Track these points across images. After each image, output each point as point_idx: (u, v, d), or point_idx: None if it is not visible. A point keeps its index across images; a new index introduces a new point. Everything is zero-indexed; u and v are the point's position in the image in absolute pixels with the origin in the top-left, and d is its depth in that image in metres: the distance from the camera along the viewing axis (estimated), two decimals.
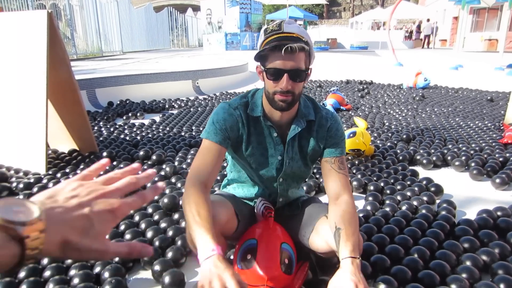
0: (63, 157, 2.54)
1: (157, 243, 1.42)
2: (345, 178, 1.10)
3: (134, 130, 3.32)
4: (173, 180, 2.11)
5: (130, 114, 4.01)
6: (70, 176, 2.20)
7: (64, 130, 2.59)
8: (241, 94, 1.15)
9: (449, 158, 2.46)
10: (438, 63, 9.13)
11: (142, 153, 2.50)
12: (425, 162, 2.42)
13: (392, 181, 2.08)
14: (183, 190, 1.92)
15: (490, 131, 3.13)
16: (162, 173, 2.21)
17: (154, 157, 2.43)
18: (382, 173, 2.21)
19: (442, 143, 2.82)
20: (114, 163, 2.39)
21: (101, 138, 2.99)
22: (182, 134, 3.18)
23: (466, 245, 1.38)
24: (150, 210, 1.71)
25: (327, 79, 6.88)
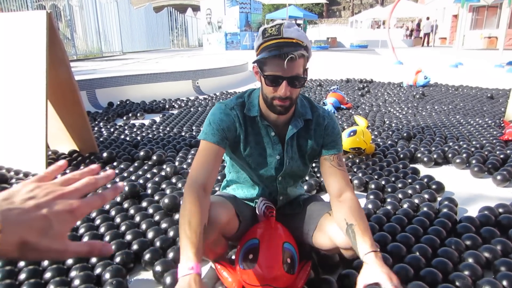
0: (63, 158, 2.53)
1: (158, 244, 1.42)
2: (346, 175, 1.11)
3: (134, 130, 3.32)
4: (173, 180, 2.10)
5: (130, 115, 4.01)
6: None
7: (64, 131, 2.58)
8: (237, 95, 1.14)
9: (450, 155, 2.46)
10: (438, 61, 9.11)
11: (142, 153, 2.50)
12: (426, 160, 2.42)
13: (393, 179, 2.08)
14: (183, 190, 1.94)
15: (491, 128, 3.12)
16: (163, 173, 2.21)
17: (155, 157, 2.43)
18: (383, 171, 2.21)
19: (442, 141, 2.81)
20: (115, 164, 2.39)
21: (101, 139, 2.99)
22: (183, 134, 3.17)
23: (468, 242, 1.37)
24: (150, 210, 1.71)
25: (327, 78, 6.87)
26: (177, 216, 1.65)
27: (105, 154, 2.46)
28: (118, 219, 1.63)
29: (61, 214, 0.40)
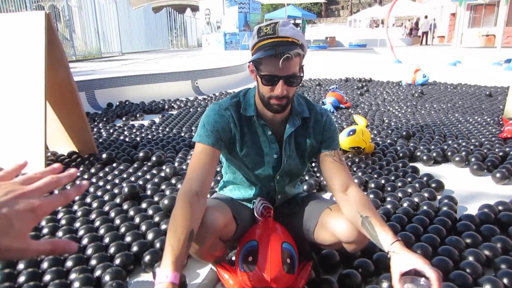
0: (63, 159, 2.53)
1: (158, 245, 1.41)
2: (347, 169, 1.13)
3: (134, 131, 3.31)
4: (173, 181, 2.10)
5: (130, 115, 4.01)
6: None
7: (63, 132, 2.58)
8: (231, 94, 1.14)
9: (449, 154, 2.46)
10: (436, 60, 9.12)
11: (141, 154, 2.50)
12: (425, 158, 2.42)
13: (392, 178, 2.08)
14: None
15: (490, 126, 3.12)
16: (162, 174, 2.21)
17: (154, 158, 2.43)
18: (383, 170, 2.21)
19: (442, 139, 2.81)
20: (114, 165, 2.39)
21: (100, 140, 2.98)
22: (182, 134, 3.17)
23: (468, 240, 1.38)
24: (150, 212, 1.71)
25: (326, 78, 6.87)
26: None
27: (104, 155, 2.45)
28: (117, 221, 1.63)
29: (21, 213, 0.39)
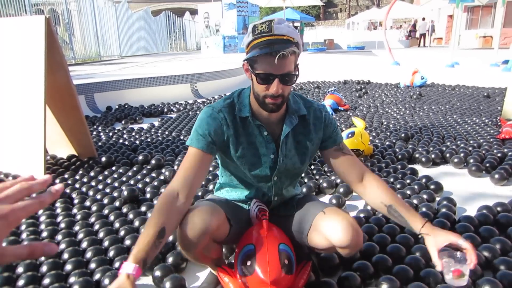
0: (62, 162, 2.53)
1: None
2: (356, 158, 1.16)
3: (133, 134, 3.32)
4: None
5: (129, 119, 4.01)
6: (69, 181, 2.19)
7: (62, 135, 2.58)
8: (225, 96, 1.13)
9: (447, 155, 2.47)
10: (434, 61, 9.16)
11: (141, 157, 2.50)
12: (424, 160, 2.42)
13: (391, 180, 2.08)
14: None
15: (488, 127, 3.13)
16: (162, 177, 2.21)
17: (153, 161, 2.43)
18: (382, 172, 2.21)
19: (440, 141, 2.82)
20: (113, 168, 2.39)
21: (100, 143, 2.99)
22: (181, 138, 3.17)
23: (468, 242, 1.37)
24: (149, 214, 1.71)
25: (325, 80, 6.89)
26: None
27: (103, 159, 2.45)
28: (117, 224, 1.63)
29: None
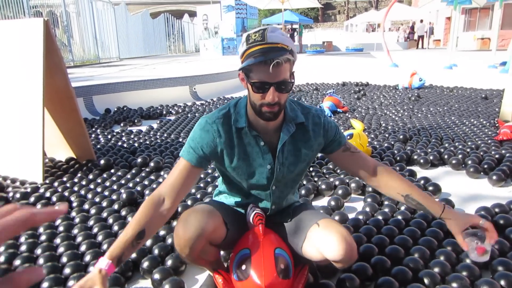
0: (60, 165, 2.53)
1: (156, 251, 1.41)
2: (364, 153, 1.20)
3: (132, 137, 3.32)
4: None
5: (128, 121, 4.01)
6: (68, 184, 2.19)
7: (61, 138, 2.58)
8: (221, 106, 1.12)
9: (446, 157, 2.47)
10: (432, 63, 9.20)
11: (140, 160, 2.50)
12: (422, 161, 2.43)
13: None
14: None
15: (486, 129, 3.15)
16: (161, 180, 2.21)
17: (152, 164, 2.43)
18: None
19: (438, 142, 2.83)
20: (112, 171, 2.39)
21: (98, 146, 2.98)
22: (180, 140, 3.17)
23: None
24: None
25: (324, 82, 6.91)
26: (175, 223, 1.65)
27: (102, 161, 2.45)
28: (115, 227, 1.62)
29: None
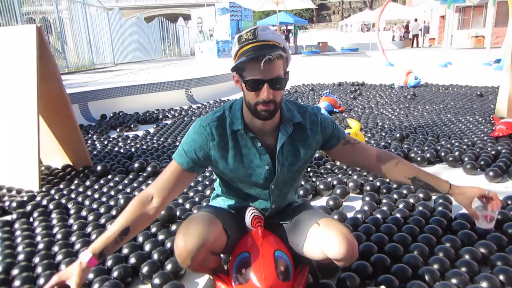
0: (57, 173, 2.51)
1: (155, 256, 1.40)
2: (364, 143, 1.22)
3: (128, 142, 3.30)
4: None
5: (124, 126, 4.00)
6: (65, 192, 2.17)
7: (56, 145, 2.57)
8: (216, 109, 1.12)
9: (442, 154, 2.48)
10: (427, 62, 9.26)
11: (137, 165, 2.49)
12: (419, 159, 2.44)
13: (387, 180, 2.09)
14: (179, 201, 1.93)
15: (481, 126, 3.16)
16: None
17: (149, 168, 2.42)
18: None
19: (435, 140, 2.84)
20: (109, 177, 2.38)
21: (95, 152, 2.97)
22: (177, 144, 3.17)
23: (464, 239, 1.39)
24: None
25: (320, 82, 6.93)
26: (174, 227, 1.64)
27: (99, 167, 2.44)
28: None
29: None
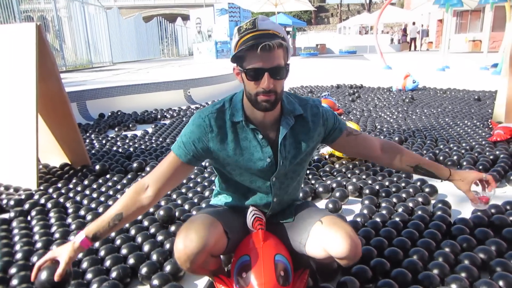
0: (55, 171, 2.49)
1: (154, 257, 1.40)
2: (365, 134, 1.23)
3: (127, 141, 3.29)
4: (168, 191, 2.08)
5: (122, 126, 3.98)
6: (63, 191, 2.15)
7: (55, 144, 2.55)
8: (215, 102, 1.11)
9: (441, 158, 2.50)
10: (425, 65, 9.32)
11: (135, 165, 2.47)
12: None
13: (387, 183, 2.09)
14: (178, 201, 1.92)
15: (479, 130, 3.18)
16: None
17: (148, 168, 2.41)
18: (377, 175, 2.23)
19: (433, 144, 2.85)
20: (108, 176, 2.36)
21: (93, 151, 2.95)
22: None
23: (463, 244, 1.39)
24: (146, 223, 1.69)
25: (318, 85, 6.94)
26: (173, 228, 1.63)
27: (97, 167, 2.42)
28: (113, 233, 1.60)
29: None
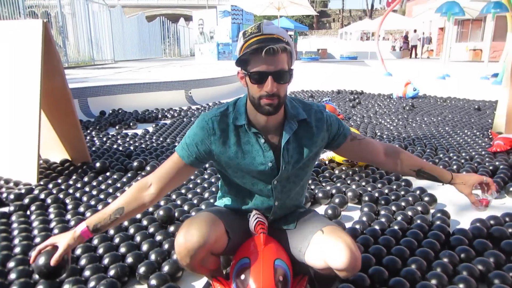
0: (55, 167, 2.49)
1: (153, 257, 1.40)
2: (369, 138, 1.24)
3: (127, 140, 3.29)
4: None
5: (123, 124, 3.98)
6: (63, 187, 2.15)
7: (56, 140, 2.55)
8: (220, 105, 1.12)
9: (440, 167, 2.50)
10: (426, 73, 9.36)
11: (136, 164, 2.47)
12: None
13: (386, 191, 2.10)
14: (178, 202, 1.92)
15: (479, 140, 3.20)
16: None
17: (148, 168, 2.41)
18: (376, 183, 2.23)
19: (433, 152, 2.86)
20: (108, 174, 2.36)
21: (93, 148, 2.95)
22: (176, 144, 3.16)
23: (462, 255, 1.40)
24: (145, 222, 1.69)
25: (319, 89, 6.96)
26: (172, 228, 1.63)
27: (98, 164, 2.42)
28: (111, 231, 1.60)
29: None
